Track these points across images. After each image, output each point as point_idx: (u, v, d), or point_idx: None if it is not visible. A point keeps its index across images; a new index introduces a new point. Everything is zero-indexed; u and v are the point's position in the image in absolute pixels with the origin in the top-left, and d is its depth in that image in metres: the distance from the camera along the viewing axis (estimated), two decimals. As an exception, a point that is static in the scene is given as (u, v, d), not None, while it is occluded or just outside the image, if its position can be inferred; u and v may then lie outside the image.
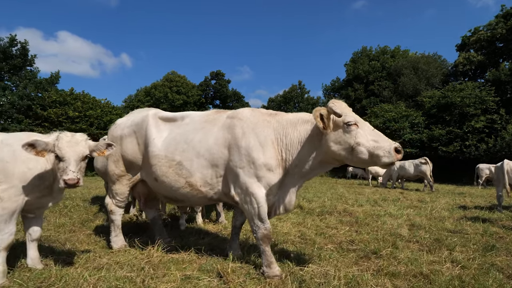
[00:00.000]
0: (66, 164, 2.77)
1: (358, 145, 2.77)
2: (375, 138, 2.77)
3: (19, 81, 28.04)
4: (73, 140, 2.89)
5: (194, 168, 3.37)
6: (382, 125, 27.39)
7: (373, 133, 2.81)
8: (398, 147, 2.68)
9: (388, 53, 36.77)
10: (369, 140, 2.77)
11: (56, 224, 5.41)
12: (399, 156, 2.67)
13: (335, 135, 2.87)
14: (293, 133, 3.13)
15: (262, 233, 3.15)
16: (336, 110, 2.76)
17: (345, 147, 2.84)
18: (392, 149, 2.67)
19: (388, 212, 7.23)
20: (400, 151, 2.67)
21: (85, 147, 2.90)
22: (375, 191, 13.62)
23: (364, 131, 2.81)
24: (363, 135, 2.79)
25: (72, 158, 2.79)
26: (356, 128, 2.82)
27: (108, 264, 3.25)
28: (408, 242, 4.66)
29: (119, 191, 3.94)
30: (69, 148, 2.80)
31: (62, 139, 2.86)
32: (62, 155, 2.78)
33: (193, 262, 3.48)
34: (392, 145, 2.69)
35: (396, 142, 2.71)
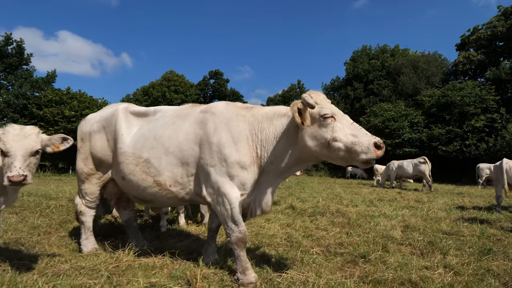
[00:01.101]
0: (12, 159, 2.50)
1: (335, 140, 2.51)
2: (354, 132, 2.49)
3: (15, 80, 27.83)
4: (21, 134, 2.62)
5: (162, 166, 3.11)
6: (382, 124, 27.14)
7: (352, 127, 2.53)
8: (378, 142, 2.40)
9: (388, 52, 36.50)
10: (347, 135, 2.49)
11: (33, 225, 5.16)
12: (379, 153, 2.38)
13: (311, 130, 2.61)
14: (269, 128, 2.87)
15: (236, 237, 2.89)
16: (309, 101, 2.50)
17: (321, 142, 2.58)
18: (371, 144, 2.38)
19: (382, 213, 6.97)
20: (380, 146, 2.38)
21: (35, 141, 2.64)
22: (372, 191, 13.36)
23: (343, 124, 2.54)
24: (340, 129, 2.52)
25: (18, 153, 2.52)
26: (333, 122, 2.55)
27: (71, 269, 2.99)
28: (400, 245, 4.39)
29: (88, 190, 3.69)
30: (15, 142, 2.53)
31: (8, 133, 2.60)
32: (7, 150, 2.52)
33: (165, 268, 3.22)
34: (372, 140, 2.40)
35: (376, 137, 2.42)
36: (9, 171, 2.46)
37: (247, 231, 4.82)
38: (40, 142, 2.71)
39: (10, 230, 4.85)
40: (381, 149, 2.39)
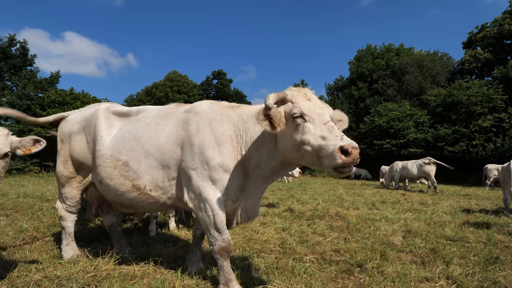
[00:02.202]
0: None
1: (303, 143, 2.22)
2: (324, 134, 2.12)
3: (19, 81, 28.01)
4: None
5: (141, 169, 2.91)
6: (386, 124, 26.72)
7: (324, 128, 2.16)
8: (345, 147, 1.97)
9: (393, 51, 35.99)
10: (316, 137, 2.16)
11: (20, 228, 5.02)
12: (346, 159, 1.96)
13: (285, 131, 2.35)
14: (254, 128, 2.65)
15: (219, 246, 2.68)
16: (267, 101, 2.25)
17: (292, 145, 2.30)
18: (337, 149, 2.00)
19: (384, 216, 6.70)
20: (348, 152, 1.96)
21: (3, 144, 2.50)
22: (375, 193, 13.05)
23: (314, 125, 2.20)
24: (310, 131, 2.20)
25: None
26: (302, 122, 2.24)
27: (44, 279, 2.81)
28: (400, 252, 4.14)
29: (69, 194, 3.51)
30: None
31: None
32: None
33: (146, 277, 3.02)
34: (338, 144, 2.01)
35: (346, 141, 2.02)
36: None
37: (243, 237, 4.69)
38: (9, 145, 2.56)
39: (-4, 234, 4.72)
40: (349, 155, 1.96)
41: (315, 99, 2.34)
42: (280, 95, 2.33)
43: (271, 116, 2.27)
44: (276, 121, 2.28)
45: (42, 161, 24.78)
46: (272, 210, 7.41)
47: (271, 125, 2.27)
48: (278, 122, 2.28)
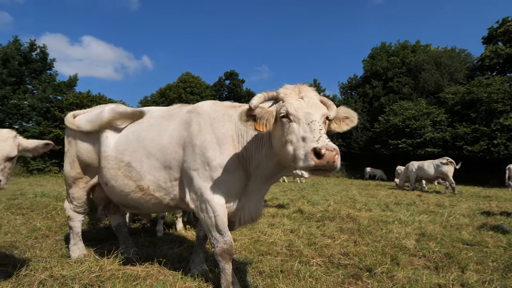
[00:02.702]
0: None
1: (287, 143, 2.12)
2: (305, 134, 2.03)
3: (39, 84, 29.06)
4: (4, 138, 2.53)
5: (144, 170, 2.91)
6: (402, 124, 26.06)
7: (306, 128, 2.05)
8: (318, 149, 1.86)
9: (409, 48, 35.05)
10: (298, 138, 2.05)
11: (34, 227, 5.15)
12: (319, 162, 1.85)
13: (275, 131, 2.27)
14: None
15: (221, 248, 2.63)
16: (251, 102, 2.17)
17: (281, 145, 2.21)
18: (309, 151, 1.90)
19: (397, 218, 6.48)
20: (320, 155, 1.85)
21: (11, 146, 2.53)
22: (390, 194, 12.70)
23: (299, 124, 2.09)
24: (294, 131, 2.09)
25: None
26: (288, 122, 2.15)
27: (49, 279, 2.85)
28: (412, 257, 3.97)
29: (76, 195, 3.56)
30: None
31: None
32: None
33: (149, 278, 3.02)
34: (311, 145, 1.91)
35: (321, 143, 1.90)
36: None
37: (250, 238, 4.63)
38: (17, 147, 2.60)
39: (11, 232, 4.87)
40: (322, 157, 1.84)
41: (309, 96, 2.21)
42: (270, 94, 2.26)
43: (256, 116, 2.20)
44: (263, 121, 2.21)
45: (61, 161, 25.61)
46: (282, 211, 7.32)
47: (256, 125, 2.20)
48: (265, 122, 2.21)
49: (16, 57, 27.85)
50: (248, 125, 2.21)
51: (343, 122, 2.39)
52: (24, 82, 29.08)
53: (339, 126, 2.38)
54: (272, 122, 2.24)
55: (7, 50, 27.69)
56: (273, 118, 2.24)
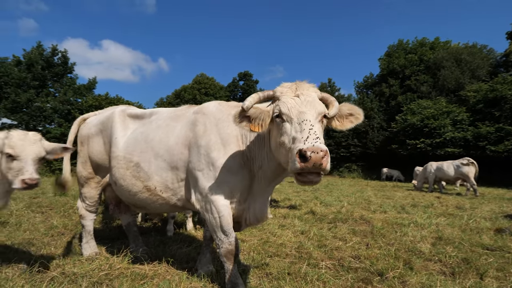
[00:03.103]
0: (23, 163, 2.56)
1: (280, 144, 2.07)
2: (296, 134, 1.95)
3: (61, 87, 30.22)
4: (27, 139, 2.66)
5: (152, 171, 2.94)
6: (420, 123, 25.25)
7: (297, 128, 1.97)
8: (303, 151, 1.77)
9: (427, 45, 33.91)
10: (290, 139, 1.98)
11: (51, 225, 5.33)
12: (304, 165, 1.77)
13: (273, 131, 2.21)
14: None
15: (225, 249, 2.61)
16: (243, 104, 2.12)
17: (276, 146, 2.15)
18: (295, 153, 1.82)
19: (413, 221, 6.26)
20: (305, 157, 1.76)
21: (41, 148, 2.69)
22: (407, 195, 12.32)
23: (292, 124, 2.01)
24: (287, 131, 2.02)
25: (29, 157, 2.58)
26: (281, 122, 2.08)
27: (60, 276, 2.92)
28: (427, 261, 3.81)
29: (88, 194, 3.65)
30: (25, 147, 2.59)
31: (13, 137, 2.63)
32: (17, 154, 2.56)
33: (156, 278, 3.04)
34: (297, 147, 1.83)
35: (308, 144, 1.81)
36: (22, 174, 2.50)
37: (259, 239, 4.60)
38: (44, 149, 2.76)
39: (30, 229, 5.06)
40: (307, 160, 1.75)
41: (306, 94, 2.12)
42: (266, 94, 2.20)
43: (251, 117, 2.16)
44: (258, 122, 2.15)
45: (80, 162, 26.50)
46: (293, 212, 7.23)
47: (251, 126, 2.16)
48: (261, 122, 2.15)
49: (40, 61, 29.10)
50: (243, 126, 2.17)
51: (346, 120, 2.29)
52: (46, 85, 30.32)
53: (342, 124, 2.28)
54: (268, 122, 2.18)
55: (31, 55, 28.97)
56: (269, 118, 2.18)
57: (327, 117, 2.16)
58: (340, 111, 2.25)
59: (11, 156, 2.57)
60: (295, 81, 2.25)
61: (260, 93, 2.20)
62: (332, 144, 33.40)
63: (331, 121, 2.25)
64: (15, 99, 27.39)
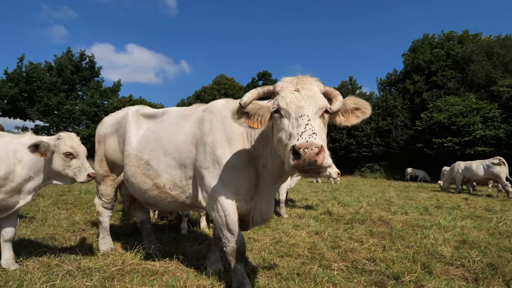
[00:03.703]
0: (81, 160, 3.04)
1: (278, 141, 2.02)
2: (292, 130, 1.88)
3: (88, 90, 31.77)
4: (77, 140, 3.14)
5: (161, 168, 2.99)
6: (447, 121, 24.10)
7: (294, 124, 1.89)
8: (297, 147, 1.70)
9: (455, 39, 32.27)
10: (287, 136, 1.91)
11: (73, 221, 5.58)
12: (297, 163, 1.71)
13: (274, 128, 2.14)
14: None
15: (232, 247, 2.60)
16: (241, 100, 2.08)
17: (276, 143, 2.09)
18: (289, 149, 1.76)
19: (436, 223, 5.95)
20: (299, 154, 1.69)
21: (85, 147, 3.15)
22: (431, 196, 11.77)
23: (290, 120, 1.94)
24: (284, 127, 1.95)
25: (84, 155, 3.08)
26: (279, 118, 2.00)
27: (76, 270, 3.04)
28: (448, 266, 3.60)
29: (104, 192, 3.77)
30: (80, 146, 3.07)
31: (69, 138, 3.07)
32: (77, 153, 3.03)
33: (166, 274, 3.09)
34: (290, 143, 1.78)
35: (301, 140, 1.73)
36: (85, 169, 3.02)
37: (272, 238, 4.55)
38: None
39: (54, 225, 5.32)
40: (300, 158, 1.68)
41: (307, 88, 2.03)
42: (265, 89, 2.15)
43: (249, 113, 2.12)
44: (257, 118, 2.11)
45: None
46: (309, 212, 7.12)
47: (250, 123, 2.12)
48: (260, 118, 2.11)
49: (69, 66, 30.71)
50: (242, 122, 2.14)
51: (352, 115, 2.18)
52: (75, 89, 31.98)
53: (347, 119, 2.18)
54: (267, 118, 2.13)
55: (61, 61, 30.63)
56: (269, 114, 2.13)
57: (329, 112, 2.07)
58: (344, 106, 2.16)
59: (71, 154, 3.00)
60: (297, 76, 2.18)
61: (259, 88, 2.15)
62: (354, 144, 32.63)
63: (335, 117, 2.16)
64: (47, 102, 29.09)
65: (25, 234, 4.61)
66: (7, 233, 3.12)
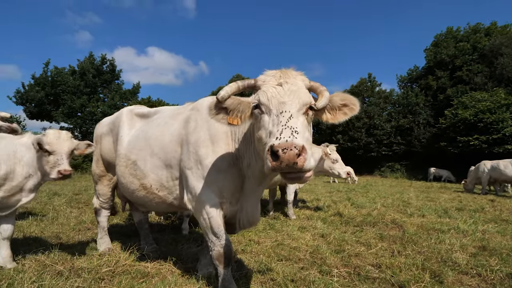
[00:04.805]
0: (58, 157, 2.94)
1: (258, 140, 1.86)
2: (272, 128, 1.74)
3: (109, 93, 32.77)
4: (61, 136, 3.03)
5: (147, 169, 2.91)
6: (474, 118, 22.78)
7: (276, 121, 1.74)
8: (275, 148, 1.56)
9: (482, 31, 30.46)
10: (267, 134, 1.76)
11: (79, 220, 5.67)
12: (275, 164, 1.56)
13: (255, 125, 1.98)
14: (247, 122, 2.35)
15: (217, 252, 2.47)
16: (219, 94, 1.91)
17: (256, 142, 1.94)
18: (267, 149, 1.62)
19: (454, 227, 5.56)
20: (277, 155, 1.55)
21: (72, 144, 3.05)
22: (454, 198, 11.11)
23: (271, 116, 1.79)
24: (264, 124, 1.81)
25: (64, 151, 2.97)
26: (259, 114, 1.86)
27: (67, 270, 3.03)
28: (462, 274, 3.30)
29: (101, 191, 3.77)
30: (60, 143, 2.96)
31: (49, 135, 3.00)
32: (53, 149, 2.94)
33: (157, 276, 3.01)
34: (269, 142, 1.63)
35: (280, 140, 1.59)
36: (58, 166, 2.90)
37: (274, 241, 4.39)
38: (74, 145, 3.11)
39: (63, 223, 5.43)
40: (279, 159, 1.54)
41: (290, 83, 1.87)
42: (246, 83, 1.99)
43: (228, 108, 1.97)
44: (236, 114, 1.95)
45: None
46: (318, 213, 6.88)
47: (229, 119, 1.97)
48: (239, 114, 1.95)
49: (91, 70, 31.82)
50: (220, 118, 1.99)
51: (339, 112, 2.00)
52: (97, 92, 33.06)
53: (334, 116, 2.01)
54: (248, 114, 1.97)
55: (84, 65, 31.79)
56: (249, 110, 1.97)
57: (314, 108, 1.90)
58: (331, 102, 1.98)
59: (47, 151, 2.94)
60: (281, 69, 2.02)
61: (239, 82, 2.00)
62: (373, 143, 31.64)
63: (321, 114, 1.99)
64: (70, 105, 30.29)
65: (32, 232, 4.73)
66: (5, 231, 3.16)
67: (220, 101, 1.94)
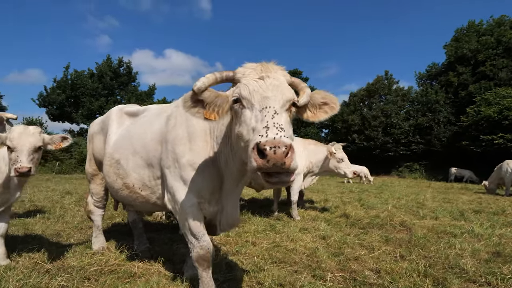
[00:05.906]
0: (18, 153, 2.77)
1: (238, 137, 1.73)
2: (257, 126, 1.59)
3: (125, 94, 33.67)
4: (25, 132, 2.87)
5: (129, 168, 2.86)
6: (498, 115, 21.65)
7: (259, 117, 1.62)
8: (262, 145, 1.44)
9: (506, 24, 28.86)
10: (249, 130, 1.64)
11: (84, 218, 5.75)
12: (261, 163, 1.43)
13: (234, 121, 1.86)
14: (223, 120, 2.24)
15: (197, 253, 2.38)
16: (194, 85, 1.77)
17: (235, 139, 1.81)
18: (251, 148, 1.49)
19: (469, 230, 5.21)
20: (264, 154, 1.42)
21: (37, 139, 2.86)
22: (473, 199, 10.54)
23: (253, 112, 1.66)
24: (246, 120, 1.68)
25: (24, 148, 2.79)
26: (240, 109, 1.73)
27: (58, 269, 3.04)
28: (469, 282, 3.04)
29: (94, 190, 3.78)
30: (21, 139, 2.79)
31: (13, 131, 2.88)
32: (14, 146, 2.79)
33: (143, 277, 2.96)
34: (254, 140, 1.50)
35: (267, 137, 1.47)
36: (16, 163, 2.72)
37: (271, 242, 4.26)
38: (42, 140, 2.94)
39: (67, 222, 5.53)
40: (266, 157, 1.42)
41: (273, 77, 1.75)
42: (224, 75, 1.85)
43: (205, 101, 1.83)
44: (214, 108, 1.83)
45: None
46: (324, 214, 6.66)
47: (206, 113, 1.83)
48: (217, 108, 1.83)
49: (108, 73, 32.80)
50: (195, 112, 1.86)
51: (320, 110, 1.90)
52: (114, 93, 34.07)
53: (314, 114, 1.90)
54: (226, 108, 1.85)
55: (102, 68, 32.81)
56: (228, 104, 1.85)
57: (297, 105, 1.78)
58: (312, 100, 1.87)
59: (9, 147, 2.81)
60: (261, 62, 1.90)
61: (217, 73, 1.88)
62: (390, 142, 30.70)
63: (302, 111, 1.88)
64: (89, 107, 31.36)
65: (36, 229, 4.83)
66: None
67: (196, 93, 1.82)
